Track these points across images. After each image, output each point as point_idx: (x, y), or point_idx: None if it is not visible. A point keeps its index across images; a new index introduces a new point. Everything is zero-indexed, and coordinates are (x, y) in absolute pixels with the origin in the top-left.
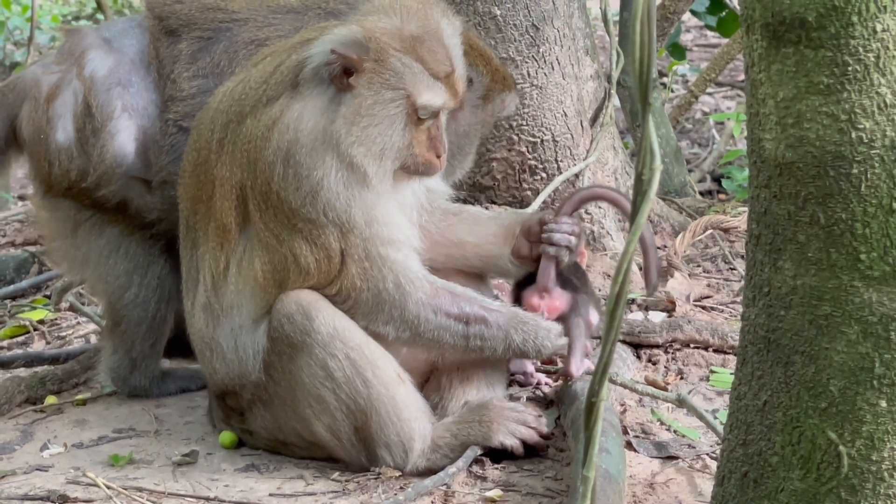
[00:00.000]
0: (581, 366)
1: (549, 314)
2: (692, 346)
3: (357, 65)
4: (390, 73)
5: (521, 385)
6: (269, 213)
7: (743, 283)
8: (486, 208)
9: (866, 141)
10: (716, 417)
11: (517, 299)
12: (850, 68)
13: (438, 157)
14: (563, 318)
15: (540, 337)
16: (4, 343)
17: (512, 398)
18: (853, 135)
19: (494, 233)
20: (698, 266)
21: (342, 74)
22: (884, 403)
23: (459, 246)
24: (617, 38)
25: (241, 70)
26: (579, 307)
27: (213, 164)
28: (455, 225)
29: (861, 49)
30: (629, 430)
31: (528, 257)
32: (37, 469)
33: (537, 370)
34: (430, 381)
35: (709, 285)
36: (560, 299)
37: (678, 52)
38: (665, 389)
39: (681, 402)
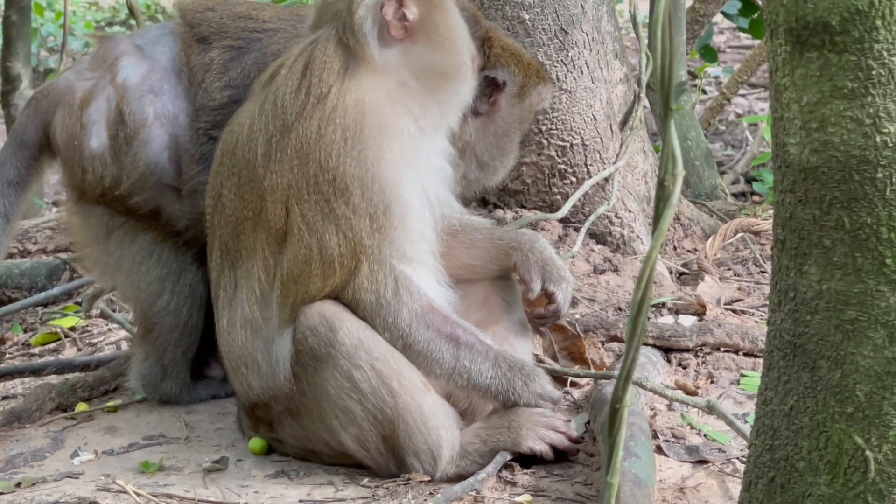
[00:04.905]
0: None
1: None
2: (723, 349)
3: None
4: None
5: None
6: (309, 201)
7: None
8: (516, 213)
9: (891, 145)
10: (746, 422)
11: None
12: (874, 72)
13: None
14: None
15: (526, 370)
16: (36, 350)
17: None
18: (878, 139)
19: (495, 256)
20: (729, 269)
21: (402, 19)
22: None
23: (463, 268)
24: (646, 41)
25: (252, 97)
26: None
27: (262, 178)
28: (455, 248)
29: (885, 53)
30: (659, 435)
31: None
32: (67, 476)
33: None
34: None
35: (739, 289)
36: None
37: (709, 53)
38: (695, 394)
39: (710, 409)
